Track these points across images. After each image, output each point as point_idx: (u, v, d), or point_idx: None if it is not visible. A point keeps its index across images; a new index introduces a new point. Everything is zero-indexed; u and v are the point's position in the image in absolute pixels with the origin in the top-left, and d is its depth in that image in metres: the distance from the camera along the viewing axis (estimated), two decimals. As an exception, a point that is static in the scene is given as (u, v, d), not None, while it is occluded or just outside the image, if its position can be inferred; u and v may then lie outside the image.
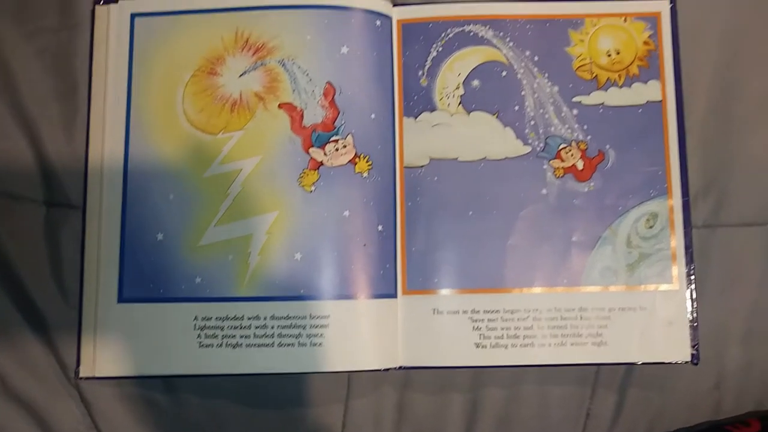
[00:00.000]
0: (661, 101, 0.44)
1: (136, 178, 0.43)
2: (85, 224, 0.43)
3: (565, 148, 0.44)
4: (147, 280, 0.42)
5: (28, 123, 0.44)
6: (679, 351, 0.43)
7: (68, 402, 0.43)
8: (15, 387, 0.43)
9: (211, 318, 0.42)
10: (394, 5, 0.45)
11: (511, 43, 0.45)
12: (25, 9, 0.45)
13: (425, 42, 0.45)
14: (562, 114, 0.44)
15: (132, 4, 0.44)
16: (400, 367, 0.42)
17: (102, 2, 0.44)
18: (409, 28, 0.45)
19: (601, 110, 0.44)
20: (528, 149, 0.44)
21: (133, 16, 0.44)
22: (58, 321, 0.43)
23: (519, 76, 0.44)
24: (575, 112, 0.44)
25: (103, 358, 0.42)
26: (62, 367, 0.43)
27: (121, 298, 0.42)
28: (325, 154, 0.42)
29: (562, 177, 0.44)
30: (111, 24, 0.44)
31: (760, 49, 0.46)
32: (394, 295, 0.43)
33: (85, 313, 0.42)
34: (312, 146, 0.43)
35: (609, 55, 0.45)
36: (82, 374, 0.42)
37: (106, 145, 0.43)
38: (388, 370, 0.42)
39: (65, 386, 0.43)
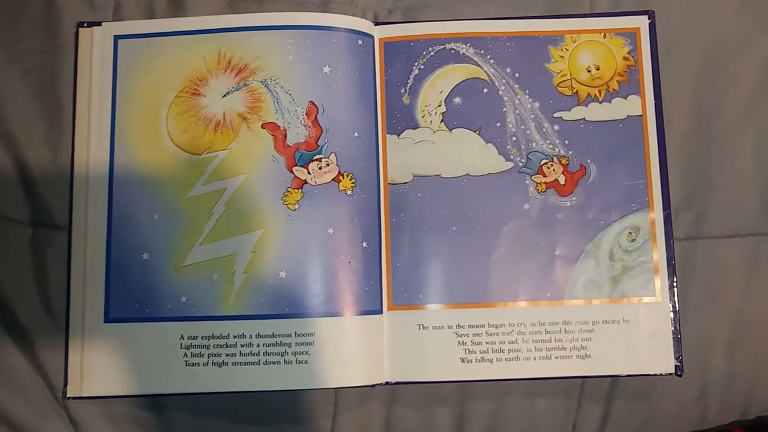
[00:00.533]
0: (641, 116, 0.44)
1: (121, 199, 0.43)
2: (71, 244, 0.43)
3: (546, 163, 0.44)
4: (133, 299, 0.42)
5: (12, 144, 0.44)
6: (664, 363, 0.43)
7: (56, 422, 0.44)
8: (2, 407, 0.43)
9: (197, 337, 0.42)
10: (376, 24, 0.45)
11: (491, 61, 0.45)
12: (9, 31, 0.45)
13: (407, 60, 0.45)
14: (544, 130, 0.45)
15: (115, 26, 0.44)
16: (386, 383, 0.42)
17: (86, 24, 0.44)
18: (390, 47, 0.45)
19: (582, 125, 0.44)
20: (510, 165, 0.44)
21: (116, 38, 0.44)
22: (45, 341, 0.43)
23: (500, 92, 0.45)
24: (556, 127, 0.44)
25: (91, 377, 0.42)
26: (50, 387, 0.43)
27: (108, 318, 0.42)
28: (308, 172, 0.43)
29: (544, 192, 0.44)
30: (95, 46, 0.44)
31: (738, 62, 0.46)
32: (379, 311, 0.43)
33: (72, 333, 0.42)
34: (296, 165, 0.43)
35: (589, 71, 0.45)
36: (69, 394, 0.42)
37: (90, 167, 0.43)
38: (374, 385, 0.42)
39: (53, 406, 0.43)
